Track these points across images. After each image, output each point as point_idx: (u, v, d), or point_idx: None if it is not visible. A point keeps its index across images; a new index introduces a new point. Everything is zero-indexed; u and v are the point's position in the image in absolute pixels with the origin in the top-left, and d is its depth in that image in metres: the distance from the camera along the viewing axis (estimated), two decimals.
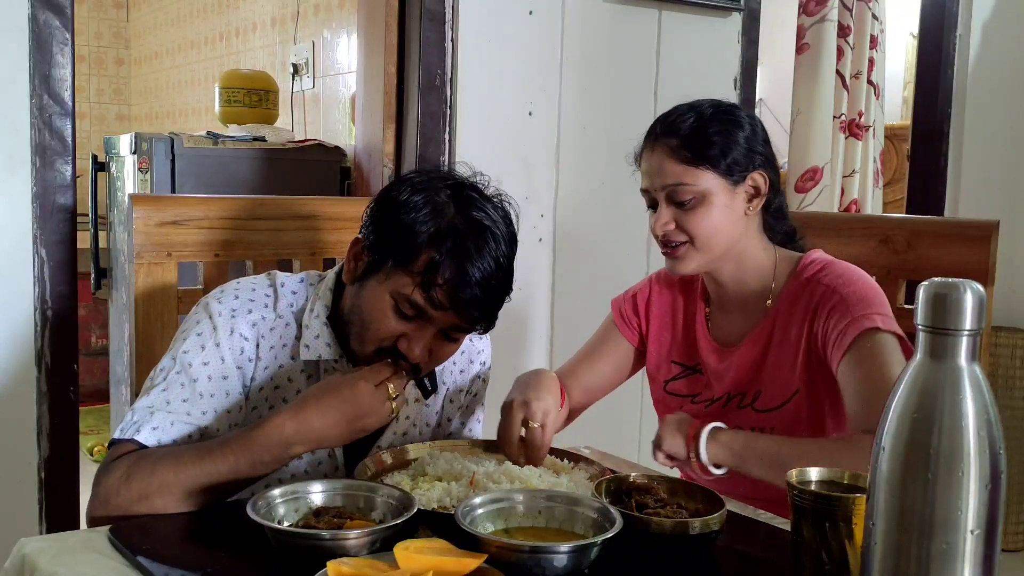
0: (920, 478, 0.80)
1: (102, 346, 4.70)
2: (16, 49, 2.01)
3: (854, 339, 1.40)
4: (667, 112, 1.56)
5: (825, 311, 1.46)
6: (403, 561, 0.96)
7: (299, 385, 1.38)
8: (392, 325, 1.28)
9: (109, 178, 3.45)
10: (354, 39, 3.61)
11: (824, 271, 1.51)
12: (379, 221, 1.32)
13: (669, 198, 1.50)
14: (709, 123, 1.49)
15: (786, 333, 1.51)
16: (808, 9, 3.28)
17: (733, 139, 1.49)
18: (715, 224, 1.49)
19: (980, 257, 1.63)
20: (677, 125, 1.50)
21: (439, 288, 1.24)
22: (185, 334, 1.35)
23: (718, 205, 1.49)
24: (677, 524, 1.11)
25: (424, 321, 1.28)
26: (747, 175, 1.51)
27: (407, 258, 1.26)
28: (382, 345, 1.30)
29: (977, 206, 3.43)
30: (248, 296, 1.37)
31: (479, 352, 1.56)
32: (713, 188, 1.48)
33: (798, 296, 1.51)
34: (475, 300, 1.26)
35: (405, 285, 1.26)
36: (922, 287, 0.82)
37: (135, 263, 1.68)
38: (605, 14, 2.70)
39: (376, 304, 1.28)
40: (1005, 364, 3.29)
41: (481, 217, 1.29)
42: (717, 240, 1.50)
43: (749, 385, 1.54)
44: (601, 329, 1.73)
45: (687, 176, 1.48)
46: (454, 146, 2.51)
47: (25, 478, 2.08)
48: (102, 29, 6.06)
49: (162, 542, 1.16)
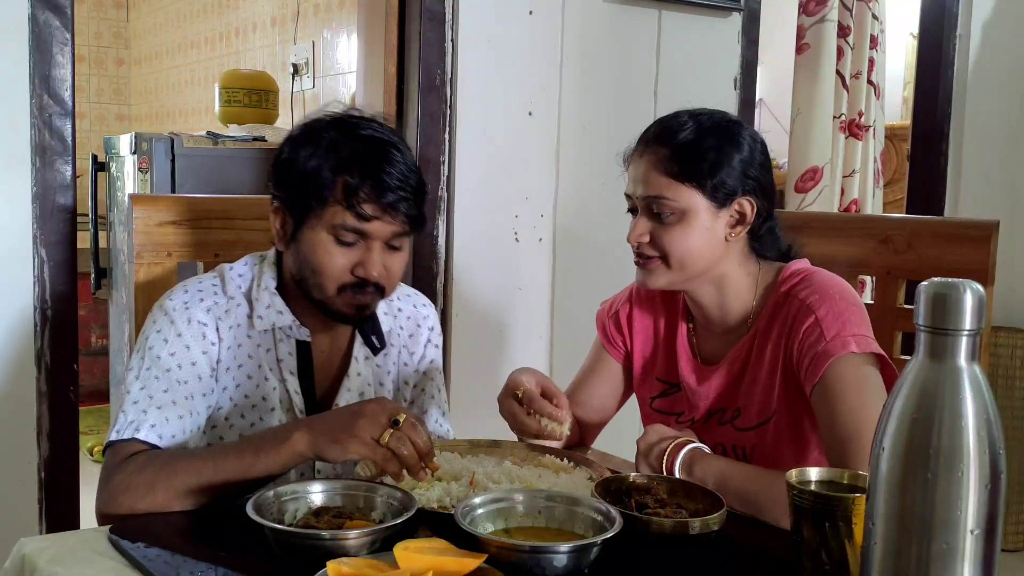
0: (920, 478, 0.80)
1: (102, 346, 4.70)
2: (16, 49, 2.01)
3: (827, 368, 1.36)
4: (667, 116, 1.49)
5: (800, 332, 1.40)
6: (403, 561, 0.96)
7: (260, 360, 1.43)
8: (340, 259, 1.36)
9: (109, 178, 3.45)
10: (354, 39, 3.62)
11: (801, 285, 1.45)
12: (284, 182, 1.40)
13: (648, 209, 1.44)
14: (705, 137, 1.42)
15: (763, 352, 1.46)
16: (808, 9, 3.28)
17: (727, 159, 1.42)
18: (691, 245, 1.43)
19: (980, 257, 1.63)
20: (672, 134, 1.43)
21: (365, 203, 1.33)
22: (146, 335, 1.40)
23: (697, 226, 1.42)
24: (677, 524, 1.11)
25: (365, 240, 1.35)
26: (734, 199, 1.43)
27: (325, 194, 1.34)
28: (342, 281, 1.37)
29: (977, 206, 3.43)
30: (196, 288, 1.44)
31: (425, 318, 1.62)
32: (695, 207, 1.42)
33: (776, 313, 1.46)
34: (400, 200, 1.34)
35: (335, 215, 1.34)
36: (922, 287, 0.82)
37: (135, 263, 1.68)
38: (605, 14, 2.70)
39: (319, 246, 1.36)
40: (1005, 364, 3.29)
41: (371, 132, 1.38)
42: (691, 261, 1.44)
43: (728, 403, 1.51)
44: (593, 348, 1.70)
45: (670, 190, 1.42)
46: (454, 146, 2.51)
47: (25, 478, 2.08)
48: (102, 29, 6.06)
49: (162, 542, 1.16)
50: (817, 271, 1.48)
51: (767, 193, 1.47)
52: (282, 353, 1.44)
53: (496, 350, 2.62)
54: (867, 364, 1.37)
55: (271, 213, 1.42)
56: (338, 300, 1.38)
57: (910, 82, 4.82)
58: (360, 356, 1.50)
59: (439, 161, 2.50)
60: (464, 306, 2.55)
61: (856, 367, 1.36)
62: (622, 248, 2.79)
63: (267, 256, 1.48)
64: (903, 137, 4.03)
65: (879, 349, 1.39)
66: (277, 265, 1.46)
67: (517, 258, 2.64)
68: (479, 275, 2.58)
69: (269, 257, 1.47)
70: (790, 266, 1.49)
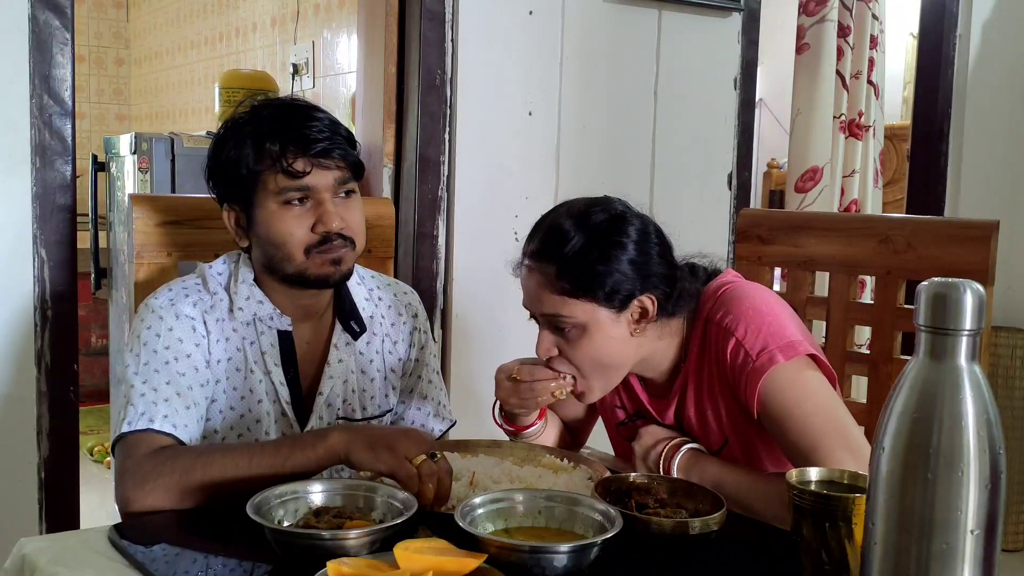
0: (920, 478, 0.80)
1: (102, 346, 4.70)
2: (16, 49, 2.01)
3: (761, 387, 1.34)
4: (543, 223, 1.43)
5: (727, 358, 1.38)
6: (403, 561, 0.96)
7: (245, 353, 1.45)
8: (295, 222, 1.38)
9: (109, 178, 3.45)
10: (354, 39, 3.62)
11: (716, 307, 1.42)
12: (220, 179, 1.44)
13: (549, 324, 1.40)
14: (590, 248, 1.35)
15: (700, 384, 1.45)
16: (808, 9, 3.28)
17: (616, 266, 1.35)
18: (598, 353, 1.38)
19: (980, 257, 1.62)
20: (556, 247, 1.36)
21: (293, 160, 1.37)
22: (137, 333, 1.41)
23: (601, 335, 1.37)
24: (677, 524, 1.11)
25: (313, 196, 1.39)
26: (632, 300, 1.38)
27: (257, 168, 1.38)
28: (306, 243, 1.39)
29: (977, 206, 3.43)
30: (180, 286, 1.46)
31: (407, 305, 1.63)
32: (594, 319, 1.36)
33: (702, 343, 1.43)
34: (326, 149, 1.38)
35: (272, 182, 1.38)
36: (922, 287, 0.82)
37: (135, 263, 1.68)
38: (605, 14, 2.70)
39: (273, 217, 1.39)
40: (1005, 364, 3.29)
41: (281, 102, 1.45)
42: (604, 365, 1.40)
43: (684, 433, 1.49)
44: None
45: (564, 308, 1.36)
46: (454, 146, 2.51)
47: (25, 478, 2.08)
48: (102, 29, 6.06)
49: (162, 542, 1.16)
50: (731, 285, 1.45)
51: (667, 278, 1.41)
52: (265, 345, 1.45)
53: (496, 350, 2.61)
54: (802, 370, 1.35)
55: (224, 217, 1.46)
56: (311, 263, 1.40)
57: (910, 82, 4.83)
58: (340, 343, 1.51)
59: (439, 161, 2.50)
60: (464, 306, 2.55)
61: (791, 378, 1.34)
62: None
63: (243, 254, 1.50)
64: (903, 137, 4.03)
65: (808, 349, 1.37)
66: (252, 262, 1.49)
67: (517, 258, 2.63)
68: (479, 275, 2.58)
69: (244, 255, 1.50)
70: (708, 287, 1.46)
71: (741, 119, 2.97)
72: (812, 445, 1.31)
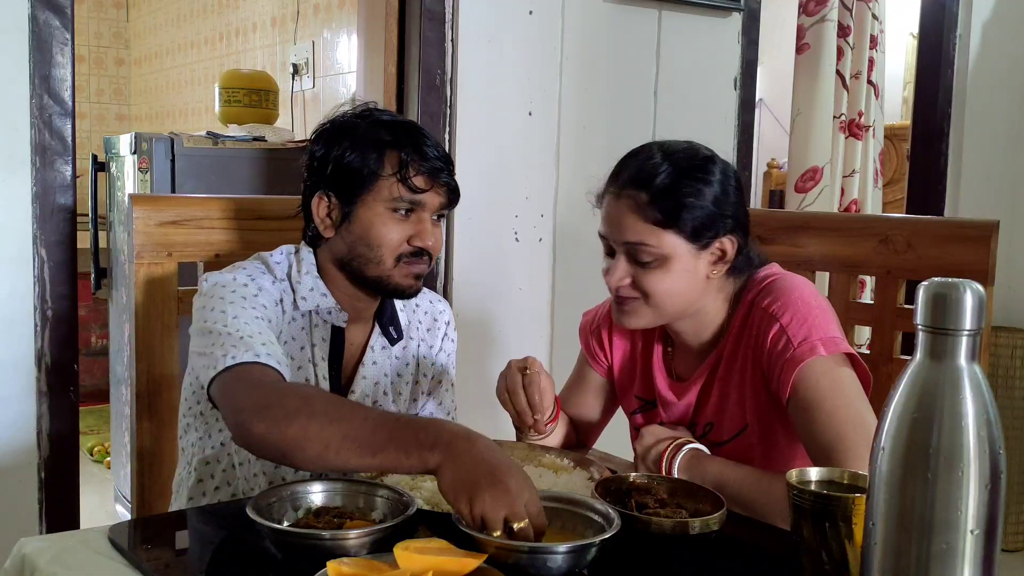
0: (920, 478, 0.80)
1: (102, 346, 4.70)
2: (16, 49, 2.01)
3: (797, 375, 1.35)
4: (636, 154, 1.45)
5: (767, 342, 1.39)
6: (403, 561, 0.96)
7: (301, 342, 1.47)
8: (396, 231, 1.43)
9: (109, 178, 3.45)
10: (354, 39, 3.62)
11: (763, 293, 1.43)
12: (328, 171, 1.45)
13: (629, 254, 1.41)
14: (683, 180, 1.38)
15: (732, 366, 1.46)
16: (808, 9, 3.28)
17: (705, 201, 1.39)
18: (673, 287, 1.40)
19: (980, 257, 1.62)
20: (648, 177, 1.39)
21: (417, 175, 1.42)
22: (220, 295, 1.37)
23: (679, 269, 1.39)
24: (677, 524, 1.11)
25: (418, 210, 1.43)
26: (715, 240, 1.41)
27: (376, 171, 1.42)
28: (400, 252, 1.43)
29: (977, 206, 3.43)
30: (254, 267, 1.47)
31: (441, 312, 1.67)
32: (677, 252, 1.39)
33: (743, 326, 1.45)
34: (443, 171, 1.45)
35: (391, 188, 1.42)
36: (922, 287, 0.82)
37: (135, 263, 1.68)
38: (605, 14, 2.70)
39: (377, 220, 1.43)
40: (1005, 364, 3.29)
41: (392, 117, 1.49)
42: (673, 302, 1.42)
43: (700, 418, 1.50)
44: (578, 360, 1.70)
45: (651, 237, 1.38)
46: (454, 146, 2.51)
47: (25, 478, 2.08)
48: (102, 29, 6.06)
49: (162, 542, 1.16)
50: (780, 276, 1.46)
51: (744, 226, 1.45)
52: (316, 338, 1.48)
53: (496, 350, 2.62)
54: (839, 366, 1.36)
55: (314, 203, 1.47)
56: (396, 272, 1.44)
57: (910, 82, 4.83)
58: (377, 346, 1.54)
59: None
60: (464, 306, 2.55)
61: (827, 371, 1.35)
62: None
63: (300, 247, 1.52)
64: (903, 137, 4.03)
65: (849, 348, 1.38)
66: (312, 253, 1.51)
67: (517, 258, 2.64)
68: (479, 275, 2.58)
69: (304, 247, 1.52)
70: (756, 275, 1.48)
71: (741, 119, 2.97)
72: (835, 438, 1.31)
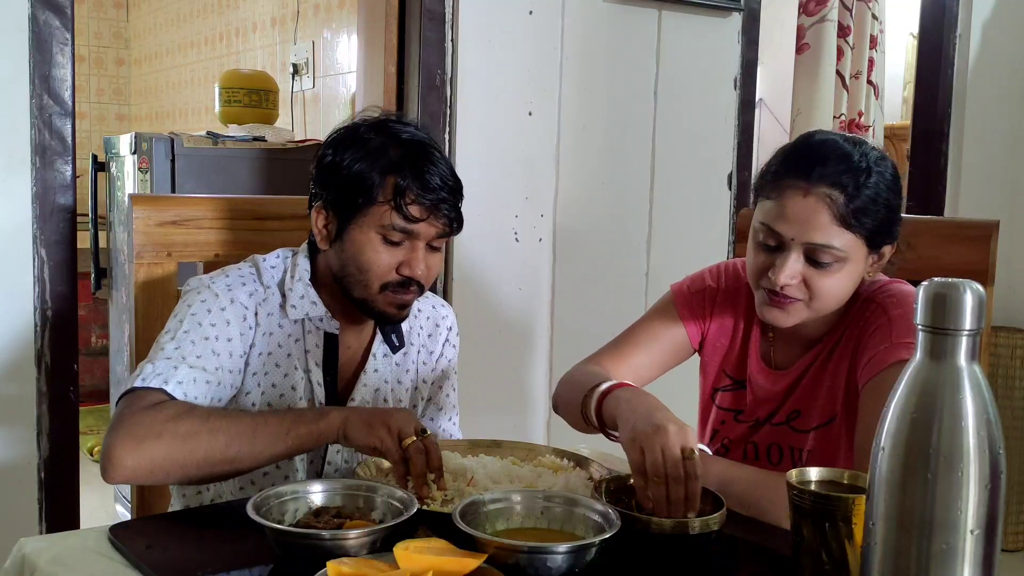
0: (920, 478, 0.80)
1: (102, 346, 4.70)
2: (16, 49, 2.01)
3: (887, 366, 1.32)
4: (826, 147, 1.36)
5: (869, 332, 1.38)
6: (403, 561, 0.96)
7: (289, 350, 1.45)
8: (386, 258, 1.40)
9: (109, 178, 3.45)
10: (354, 39, 3.62)
11: (881, 290, 1.42)
12: (330, 183, 1.42)
13: (807, 254, 1.34)
14: (885, 192, 1.33)
15: (832, 357, 1.45)
16: (808, 9, 3.28)
17: (896, 214, 1.35)
18: (840, 288, 1.37)
19: (980, 257, 1.62)
20: (850, 179, 1.31)
21: (413, 204, 1.37)
22: (188, 303, 1.41)
23: (850, 271, 1.36)
24: (677, 524, 1.11)
25: (411, 239, 1.40)
26: (885, 244, 1.38)
27: (372, 195, 1.38)
28: (386, 280, 1.40)
29: (977, 206, 3.43)
30: (237, 274, 1.46)
31: (443, 318, 1.65)
32: (855, 255, 1.34)
33: (853, 320, 1.43)
34: (444, 201, 1.39)
35: (383, 215, 1.38)
36: (922, 287, 0.82)
37: (135, 263, 1.68)
38: (605, 14, 2.70)
39: (367, 245, 1.40)
40: (1005, 364, 3.29)
41: (411, 135, 1.42)
42: (832, 303, 1.39)
43: (789, 404, 1.49)
44: (658, 314, 1.61)
45: (839, 239, 1.32)
46: (454, 146, 2.51)
47: (25, 478, 2.08)
48: (102, 29, 6.06)
49: (162, 542, 1.16)
50: (896, 280, 1.45)
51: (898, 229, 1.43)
52: (309, 344, 1.46)
53: (496, 350, 2.62)
54: None
55: (313, 212, 1.45)
56: (380, 298, 1.41)
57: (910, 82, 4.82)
58: (379, 353, 1.54)
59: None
60: (464, 306, 2.55)
61: None
62: (622, 248, 2.81)
63: (301, 248, 1.51)
64: (903, 137, 4.03)
65: None
66: (309, 258, 1.49)
67: (517, 258, 2.64)
68: (479, 275, 2.58)
69: (303, 249, 1.50)
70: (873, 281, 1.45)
71: (741, 119, 2.97)
72: None
